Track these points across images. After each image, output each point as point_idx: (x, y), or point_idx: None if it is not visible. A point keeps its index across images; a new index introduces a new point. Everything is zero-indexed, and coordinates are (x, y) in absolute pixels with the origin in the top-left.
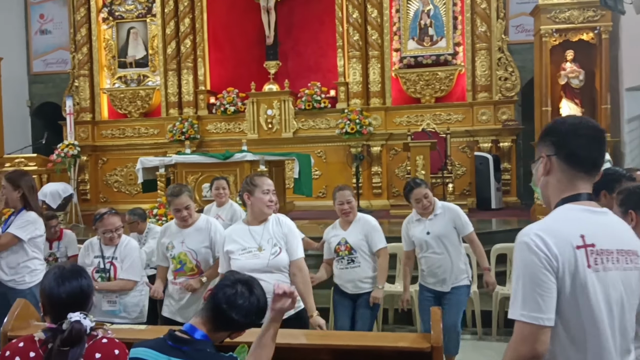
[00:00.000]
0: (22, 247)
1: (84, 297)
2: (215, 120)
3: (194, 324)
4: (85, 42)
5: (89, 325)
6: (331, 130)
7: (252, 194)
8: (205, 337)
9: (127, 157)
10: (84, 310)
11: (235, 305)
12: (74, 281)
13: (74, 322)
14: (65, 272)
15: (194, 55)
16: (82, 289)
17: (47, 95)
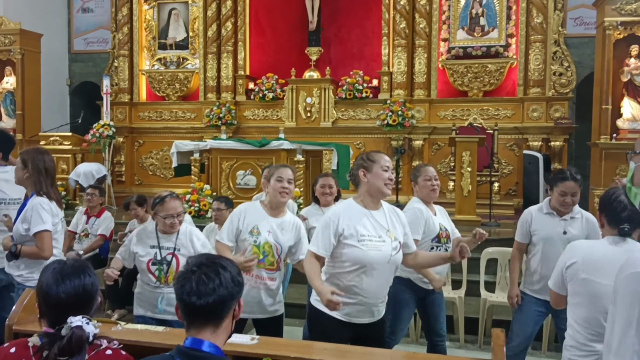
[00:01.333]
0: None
1: (87, 299)
2: (253, 107)
3: (194, 336)
4: (126, 21)
5: (92, 332)
6: (372, 122)
7: (368, 170)
8: (215, 349)
9: (163, 140)
10: (86, 314)
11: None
12: (76, 279)
13: (74, 327)
14: (66, 268)
15: (235, 39)
16: (85, 288)
17: (86, 74)
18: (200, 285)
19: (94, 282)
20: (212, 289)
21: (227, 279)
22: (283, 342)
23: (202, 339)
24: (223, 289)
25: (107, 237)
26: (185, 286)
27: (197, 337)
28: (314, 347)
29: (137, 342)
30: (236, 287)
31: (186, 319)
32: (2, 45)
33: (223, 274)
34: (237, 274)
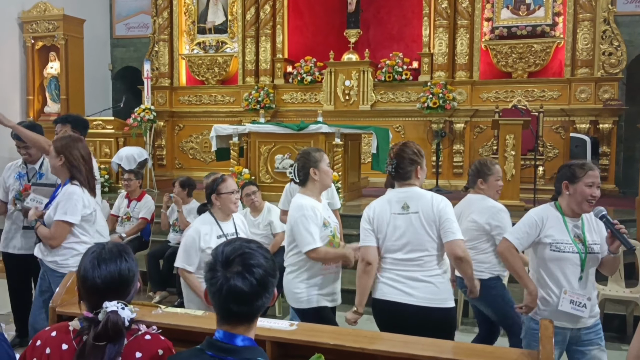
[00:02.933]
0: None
1: (123, 284)
2: (291, 90)
3: (227, 330)
4: (166, 6)
5: (128, 317)
6: (412, 104)
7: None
8: (249, 342)
9: (203, 124)
10: (123, 299)
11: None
12: (112, 264)
13: (110, 312)
14: (104, 253)
15: (273, 22)
16: (121, 274)
17: (128, 59)
18: (236, 292)
19: (131, 267)
20: (249, 298)
21: (264, 279)
22: (321, 327)
23: (235, 333)
24: (258, 298)
25: (149, 220)
26: (221, 289)
27: (231, 332)
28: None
29: (177, 325)
30: (271, 288)
31: (220, 315)
32: (46, 31)
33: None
34: (271, 273)
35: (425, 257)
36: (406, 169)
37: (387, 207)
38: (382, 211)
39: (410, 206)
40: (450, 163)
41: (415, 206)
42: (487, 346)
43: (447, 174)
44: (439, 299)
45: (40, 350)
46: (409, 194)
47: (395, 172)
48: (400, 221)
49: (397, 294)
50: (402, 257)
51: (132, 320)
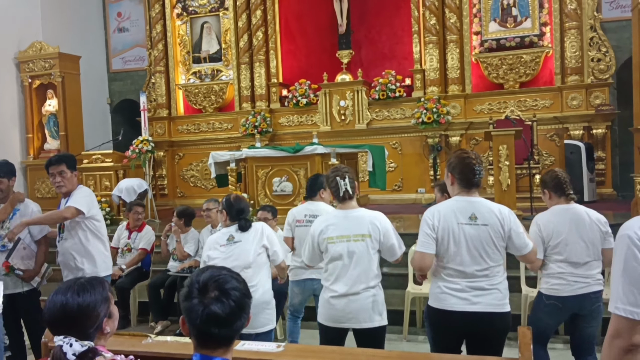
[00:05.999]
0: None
1: (69, 318)
2: (287, 113)
3: (205, 354)
4: (160, 38)
5: (76, 352)
6: (407, 121)
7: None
8: None
9: (202, 151)
10: (77, 333)
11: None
12: (62, 297)
13: (56, 347)
14: (62, 286)
15: (266, 47)
16: (66, 308)
17: (125, 92)
18: (216, 316)
19: (83, 303)
20: (229, 320)
21: (241, 302)
22: (307, 347)
23: (213, 356)
24: (237, 320)
25: (149, 251)
26: (201, 316)
27: (209, 355)
28: (336, 351)
29: (168, 354)
30: (247, 309)
31: (199, 340)
32: (42, 70)
33: (238, 301)
34: (246, 294)
35: (492, 268)
36: (482, 174)
37: (453, 216)
38: (448, 219)
39: (479, 217)
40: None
41: (483, 218)
42: (464, 356)
43: None
44: (501, 303)
45: None
46: (476, 205)
47: (477, 179)
48: (468, 232)
49: (463, 304)
50: (467, 269)
51: (82, 354)
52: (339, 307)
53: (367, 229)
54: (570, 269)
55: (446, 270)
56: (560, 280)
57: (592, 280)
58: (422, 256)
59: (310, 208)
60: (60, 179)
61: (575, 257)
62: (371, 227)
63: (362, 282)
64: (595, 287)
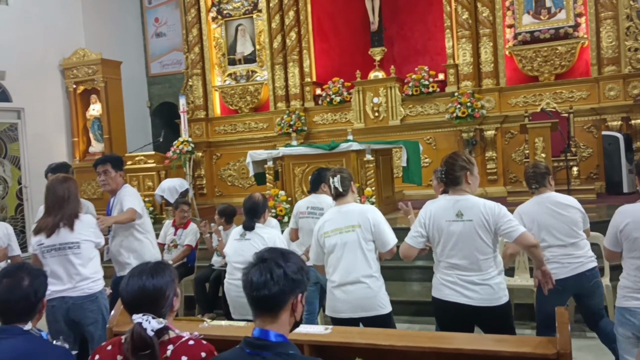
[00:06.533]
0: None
1: (147, 298)
2: (321, 112)
3: (261, 327)
4: (196, 42)
5: (154, 328)
6: (440, 116)
7: (472, 173)
8: (282, 338)
9: (239, 151)
10: (153, 312)
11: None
12: (139, 280)
13: (135, 324)
14: (135, 270)
15: (299, 47)
16: (144, 289)
17: (164, 95)
18: (255, 279)
19: (157, 284)
20: (263, 283)
21: (279, 275)
22: (353, 329)
23: (268, 329)
24: (273, 285)
25: (193, 247)
26: (246, 278)
27: (263, 328)
28: (381, 333)
29: (223, 336)
30: (290, 283)
31: (251, 310)
32: (86, 76)
33: (276, 270)
34: (295, 271)
35: (480, 262)
36: (455, 174)
37: (442, 214)
38: (437, 218)
39: (465, 214)
40: (484, 170)
41: (469, 214)
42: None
43: (482, 182)
44: (494, 298)
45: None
46: (462, 202)
47: (445, 178)
48: (455, 228)
49: (456, 296)
50: (458, 262)
51: (160, 330)
52: (339, 296)
53: (356, 220)
54: (560, 251)
55: (442, 263)
56: (555, 264)
57: (585, 258)
58: (408, 248)
59: (313, 200)
60: (104, 177)
61: (559, 240)
62: (361, 219)
63: (356, 271)
64: (589, 264)
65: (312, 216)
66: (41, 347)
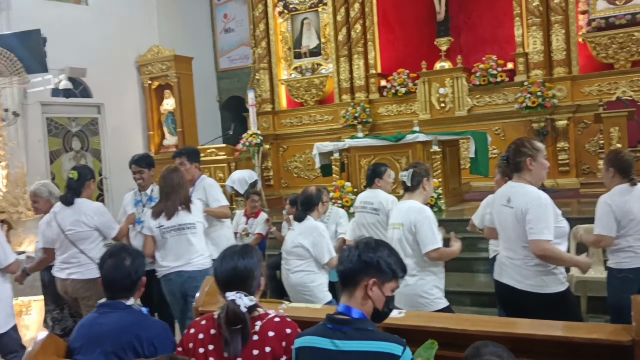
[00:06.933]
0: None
1: (239, 277)
2: (386, 103)
3: (347, 304)
4: (263, 36)
5: (246, 304)
6: (509, 106)
7: (535, 159)
8: (362, 315)
9: (304, 143)
10: (244, 290)
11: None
12: (231, 261)
13: (229, 301)
14: (228, 252)
15: (364, 39)
16: (237, 269)
17: (232, 89)
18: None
19: (248, 265)
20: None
21: (353, 254)
22: (426, 314)
23: (351, 307)
24: (347, 262)
25: (264, 235)
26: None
27: (346, 304)
28: (458, 318)
29: (300, 317)
30: (361, 264)
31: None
32: (160, 72)
33: (354, 251)
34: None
35: (523, 249)
36: (516, 159)
37: (499, 198)
38: (495, 201)
39: (512, 200)
40: (556, 162)
41: (515, 201)
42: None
43: (552, 173)
44: (539, 285)
45: (194, 336)
46: (515, 189)
47: (507, 164)
48: (504, 213)
49: (504, 277)
50: (507, 245)
51: (251, 307)
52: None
53: (402, 219)
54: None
55: (500, 244)
56: (628, 253)
57: None
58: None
59: (367, 195)
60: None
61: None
62: (405, 218)
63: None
64: None
65: (364, 210)
66: (142, 321)
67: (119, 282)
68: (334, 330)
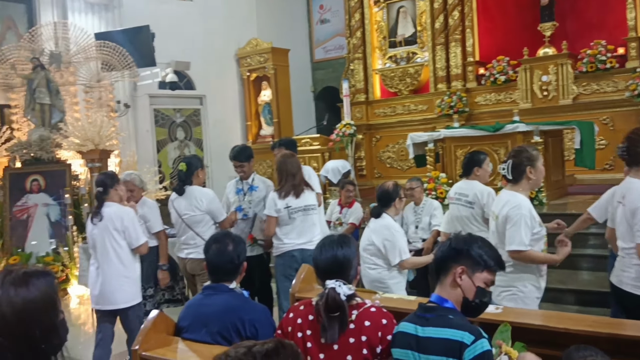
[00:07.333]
0: None
1: (339, 266)
2: (484, 92)
3: (438, 293)
4: (358, 26)
5: (345, 293)
6: (619, 94)
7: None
8: (451, 305)
9: (398, 133)
10: (343, 278)
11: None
12: (331, 250)
13: (329, 289)
14: (326, 241)
15: (462, 26)
16: (337, 258)
17: (327, 80)
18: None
19: (346, 254)
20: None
21: (445, 244)
22: (524, 311)
23: (443, 297)
24: (439, 251)
25: (357, 225)
26: None
27: (438, 294)
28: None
29: (394, 308)
30: (451, 251)
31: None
32: (258, 64)
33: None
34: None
35: (630, 249)
36: (636, 149)
37: (616, 194)
38: (613, 198)
39: (624, 197)
40: None
41: (626, 198)
42: None
43: None
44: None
45: (293, 320)
46: (626, 185)
47: (626, 156)
48: (618, 210)
49: (614, 275)
50: (621, 245)
51: (350, 296)
52: None
53: (498, 210)
54: None
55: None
56: None
57: None
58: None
59: (462, 186)
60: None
61: None
62: (501, 210)
63: None
64: None
65: (458, 203)
66: (245, 304)
67: (223, 266)
68: (419, 317)
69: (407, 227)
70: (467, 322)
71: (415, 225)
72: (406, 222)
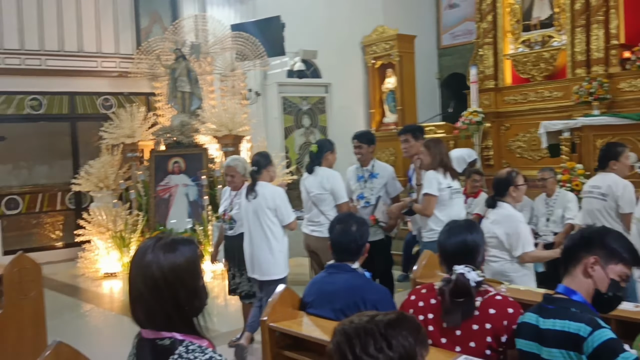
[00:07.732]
0: None
1: (468, 251)
2: (630, 77)
3: (566, 284)
4: (490, 10)
5: (475, 279)
6: None
7: None
8: (580, 299)
9: (529, 122)
10: (471, 264)
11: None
12: (460, 235)
13: (458, 274)
14: (455, 226)
15: (606, 6)
16: (466, 243)
17: (453, 66)
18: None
19: (475, 239)
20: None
21: (576, 233)
22: None
23: (572, 288)
24: (569, 240)
25: (482, 217)
26: None
27: (566, 285)
28: None
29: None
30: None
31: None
32: (383, 51)
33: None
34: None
35: None
36: None
37: None
38: None
39: None
40: None
41: None
42: None
43: None
44: None
45: (415, 302)
46: None
47: None
48: None
49: None
50: None
51: (479, 282)
52: None
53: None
54: None
55: None
56: None
57: None
58: None
59: (597, 179)
60: (405, 145)
61: None
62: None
63: None
64: None
65: (590, 195)
66: (367, 284)
67: (346, 246)
68: (541, 308)
69: (537, 219)
70: (586, 315)
71: (547, 217)
72: (536, 214)
